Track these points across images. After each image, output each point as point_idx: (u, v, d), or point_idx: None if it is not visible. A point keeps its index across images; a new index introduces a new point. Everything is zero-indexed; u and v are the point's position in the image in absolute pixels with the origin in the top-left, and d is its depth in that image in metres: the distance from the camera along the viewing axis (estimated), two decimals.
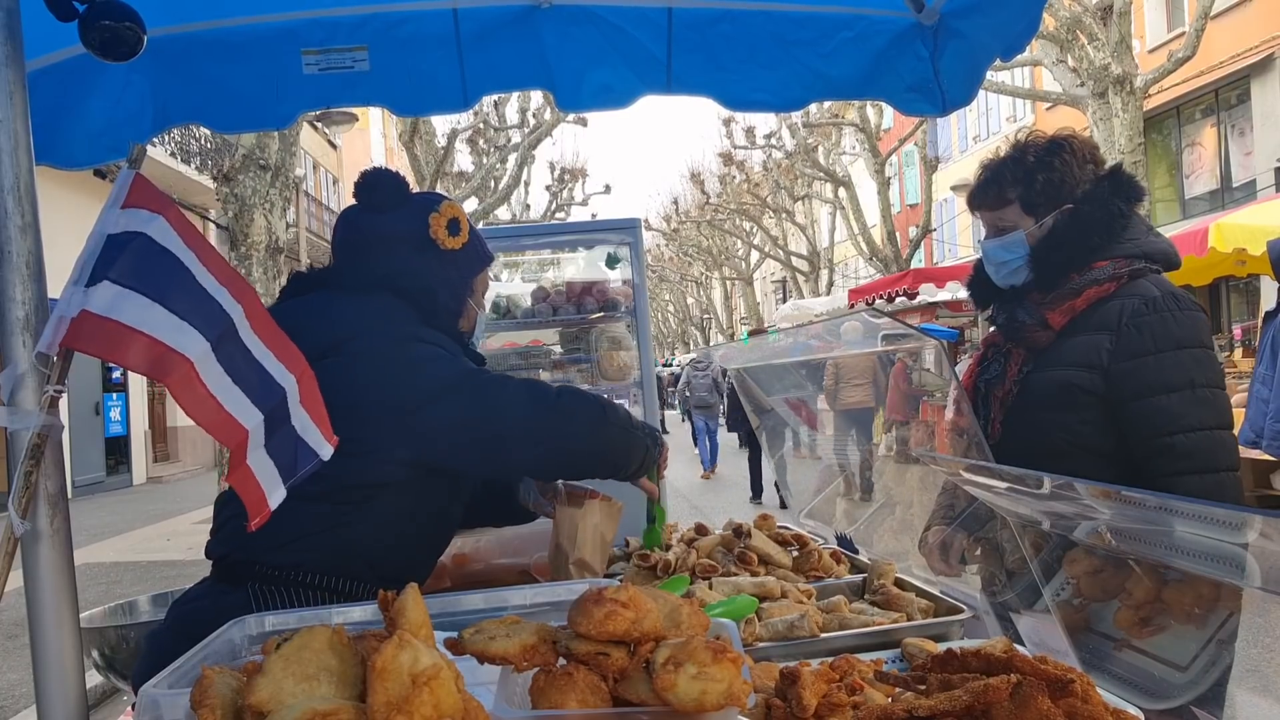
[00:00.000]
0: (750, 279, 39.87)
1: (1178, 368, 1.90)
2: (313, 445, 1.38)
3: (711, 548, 2.27)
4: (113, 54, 1.64)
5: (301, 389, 1.41)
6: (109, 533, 11.44)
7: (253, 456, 1.34)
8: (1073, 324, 2.02)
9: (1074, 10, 11.76)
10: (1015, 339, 2.11)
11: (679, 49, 2.46)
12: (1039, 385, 2.04)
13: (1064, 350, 2.01)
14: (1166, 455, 1.88)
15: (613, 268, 5.28)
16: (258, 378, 1.39)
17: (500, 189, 20.82)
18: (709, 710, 0.96)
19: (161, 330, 1.30)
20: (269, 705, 0.94)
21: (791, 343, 3.48)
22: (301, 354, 1.46)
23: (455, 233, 1.88)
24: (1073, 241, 2.02)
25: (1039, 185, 2.05)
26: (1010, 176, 2.09)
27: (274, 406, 1.38)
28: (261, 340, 1.42)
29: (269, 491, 1.33)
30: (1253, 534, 0.98)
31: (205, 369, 1.33)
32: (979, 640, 1.64)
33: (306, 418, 1.39)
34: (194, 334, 1.33)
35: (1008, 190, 2.09)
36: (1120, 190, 2.06)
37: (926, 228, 21.42)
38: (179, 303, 1.33)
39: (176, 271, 1.36)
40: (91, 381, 16.26)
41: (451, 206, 1.90)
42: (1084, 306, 2.01)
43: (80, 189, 12.54)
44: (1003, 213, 2.11)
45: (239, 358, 1.38)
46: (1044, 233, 2.06)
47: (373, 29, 2.40)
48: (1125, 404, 1.93)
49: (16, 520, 1.25)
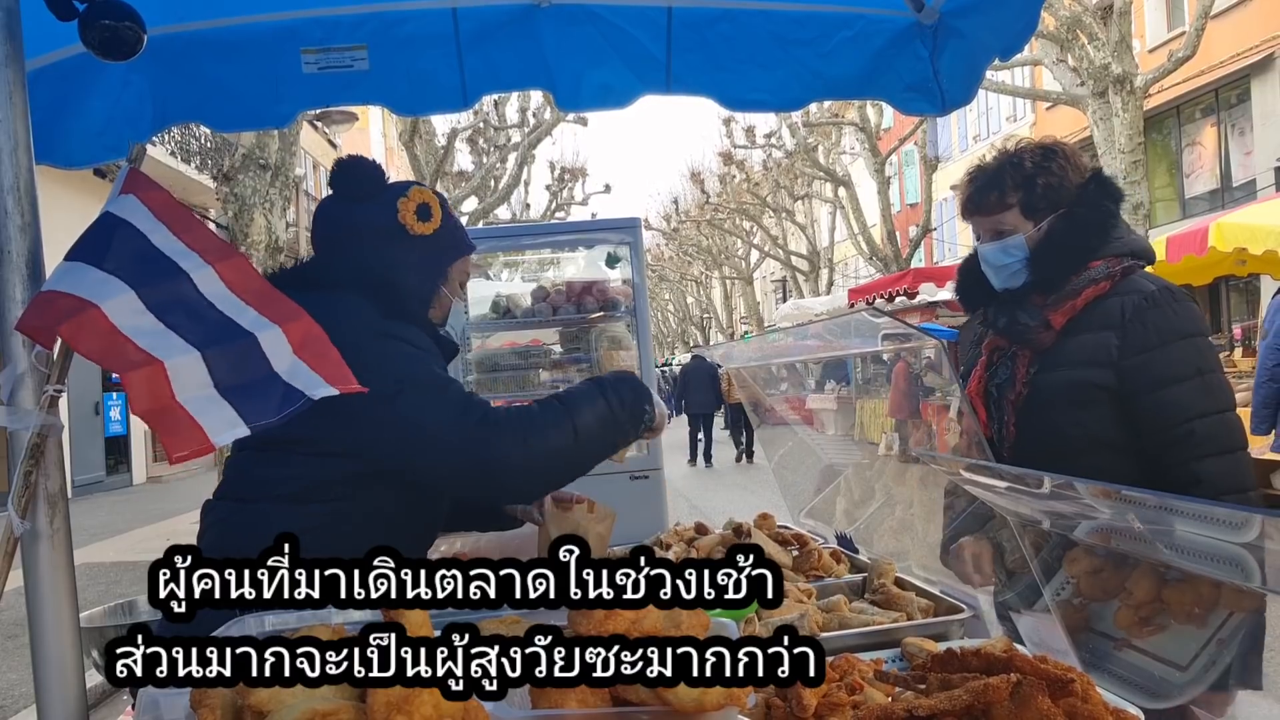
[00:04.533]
0: (750, 279, 39.88)
1: (1184, 358, 1.97)
2: (302, 388, 1.36)
3: (712, 547, 2.27)
4: (112, 53, 1.64)
5: (295, 337, 1.41)
6: (109, 533, 11.44)
7: (187, 394, 1.32)
8: (1073, 323, 2.06)
9: (1074, 10, 11.76)
10: (1019, 341, 2.14)
11: (678, 49, 2.46)
12: (1049, 385, 2.07)
13: (1069, 349, 2.06)
14: (1186, 442, 1.93)
15: (613, 267, 5.28)
16: (205, 323, 1.39)
17: (500, 189, 20.82)
18: (709, 710, 0.96)
19: (80, 287, 1.32)
20: (269, 705, 0.94)
21: (792, 342, 3.48)
22: (301, 309, 1.45)
23: (426, 218, 1.84)
24: (1072, 243, 2.08)
25: (1039, 189, 2.11)
26: (1011, 181, 2.13)
27: (227, 348, 1.37)
28: (236, 294, 1.43)
29: (214, 430, 1.31)
30: (1253, 534, 0.98)
31: (119, 312, 1.33)
32: (979, 640, 1.64)
33: (302, 365, 1.39)
34: (116, 284, 1.34)
35: (1009, 195, 2.14)
36: (1108, 193, 2.15)
37: (926, 227, 21.43)
38: (112, 262, 1.36)
39: (129, 239, 1.39)
40: (91, 381, 16.25)
41: (422, 192, 1.86)
42: (1083, 305, 2.06)
43: (80, 189, 12.52)
44: (1002, 217, 2.15)
45: (181, 307, 1.39)
46: (1042, 235, 2.11)
47: (372, 28, 2.39)
48: (1139, 397, 1.98)
49: (16, 520, 1.25)
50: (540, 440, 1.66)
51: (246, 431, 1.31)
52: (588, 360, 5.03)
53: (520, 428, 1.65)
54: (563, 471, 1.75)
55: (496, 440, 1.63)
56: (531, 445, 1.65)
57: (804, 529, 2.58)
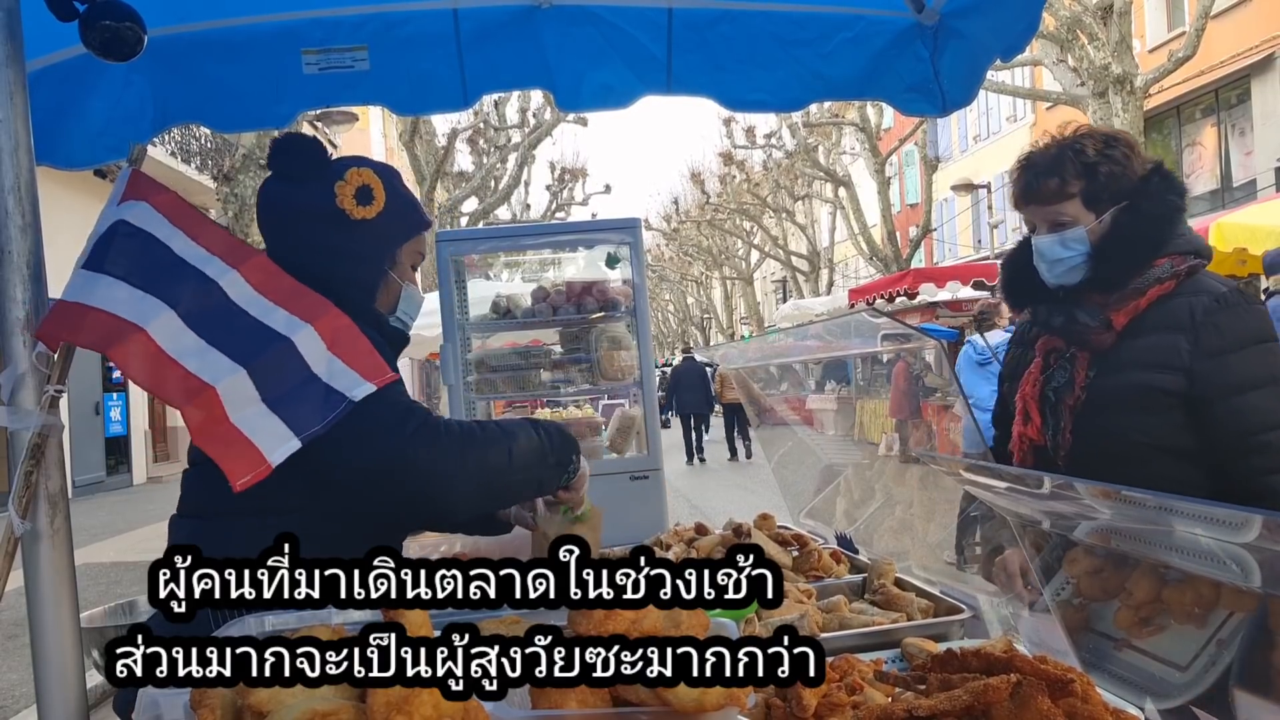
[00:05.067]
0: (750, 279, 39.89)
1: (1261, 363, 1.87)
2: (342, 389, 1.36)
3: (711, 547, 2.27)
4: (113, 54, 1.64)
5: (326, 334, 1.40)
6: (109, 533, 11.44)
7: (240, 414, 1.33)
8: (1136, 324, 1.93)
9: (1074, 10, 11.76)
10: (1077, 342, 2.01)
11: (679, 49, 2.46)
12: (1111, 389, 1.95)
13: (1133, 351, 1.93)
14: (1264, 453, 1.83)
15: (613, 268, 5.27)
16: (243, 333, 1.39)
17: (500, 189, 20.83)
18: (709, 710, 0.96)
19: (118, 305, 1.32)
20: (269, 705, 0.94)
21: (791, 343, 3.48)
22: (326, 300, 1.43)
23: (367, 201, 1.74)
24: (1137, 238, 1.94)
25: (1102, 178, 1.96)
26: (1072, 169, 1.97)
27: (267, 358, 1.37)
28: (265, 296, 1.42)
29: (269, 448, 1.31)
30: (1253, 534, 0.98)
31: (164, 334, 1.33)
32: (979, 640, 1.64)
33: (338, 362, 1.38)
34: (154, 303, 1.34)
35: (1070, 183, 1.98)
36: (1172, 186, 2.00)
37: (926, 227, 21.45)
38: (143, 277, 1.36)
39: (150, 249, 1.38)
40: (91, 381, 16.25)
41: (361, 173, 1.75)
42: (1145, 305, 1.93)
43: (80, 189, 12.53)
44: (1062, 207, 1.99)
45: (219, 319, 1.39)
46: (1106, 229, 1.96)
47: (373, 29, 2.40)
48: (1212, 403, 1.86)
49: (16, 520, 1.25)
50: (477, 457, 1.61)
51: (298, 445, 1.31)
52: (588, 360, 5.03)
53: (459, 441, 1.60)
54: (494, 493, 1.71)
55: (433, 449, 1.57)
56: (468, 459, 1.60)
57: (804, 529, 2.58)
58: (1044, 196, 2.01)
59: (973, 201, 25.41)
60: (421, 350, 12.57)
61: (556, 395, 5.49)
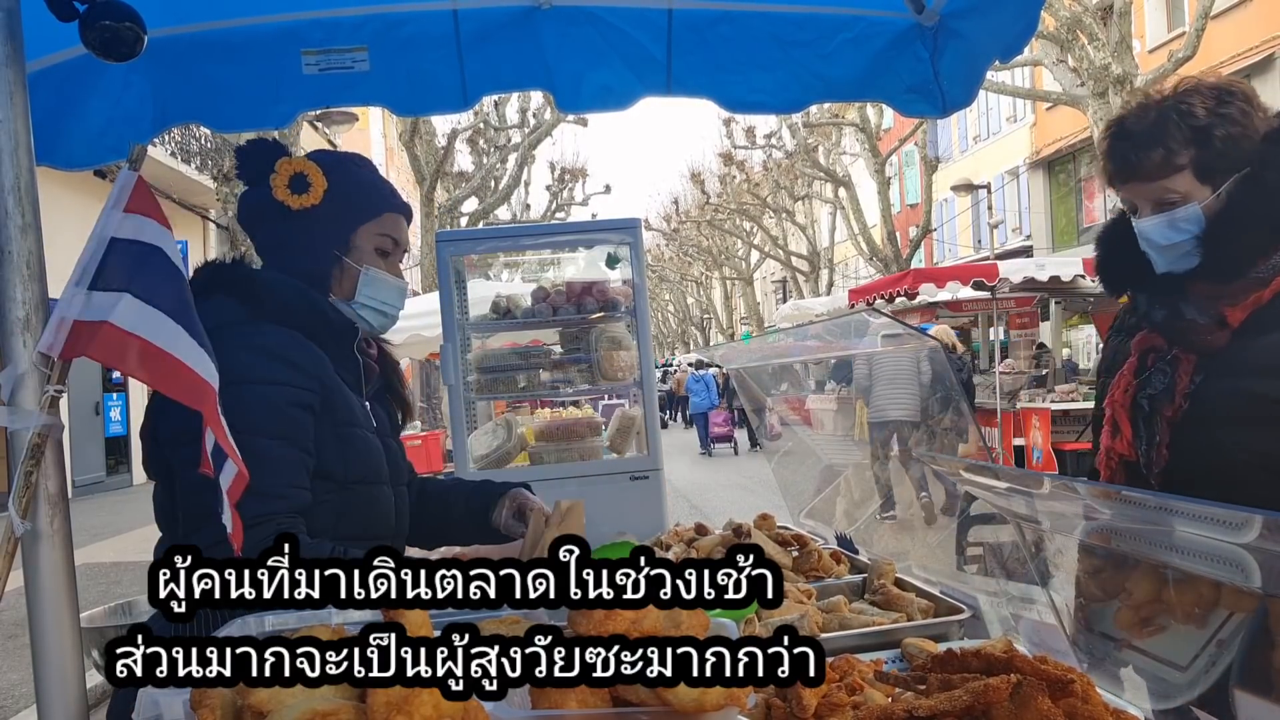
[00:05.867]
0: (750, 279, 39.90)
1: None
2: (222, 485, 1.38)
3: (711, 548, 2.27)
4: (113, 54, 1.64)
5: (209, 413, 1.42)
6: (109, 533, 11.43)
7: None
8: (1255, 321, 1.62)
9: (1074, 10, 11.77)
10: (1181, 342, 1.70)
11: (679, 50, 2.46)
12: (1218, 397, 1.64)
13: (1250, 353, 1.62)
14: None
15: (613, 268, 5.28)
16: None
17: (500, 189, 20.85)
18: (709, 710, 0.96)
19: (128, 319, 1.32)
20: (269, 705, 0.94)
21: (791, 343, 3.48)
22: None
23: (302, 190, 1.73)
24: (1260, 215, 1.61)
25: (1217, 145, 1.62)
26: (1180, 135, 1.63)
27: None
28: None
29: None
30: (1253, 534, 0.98)
31: (192, 358, 1.34)
32: (979, 640, 1.64)
33: None
34: (183, 336, 1.35)
35: (1177, 153, 1.64)
36: None
37: (926, 228, 21.46)
38: (169, 302, 1.35)
39: (176, 277, 1.38)
40: (91, 381, 16.26)
41: (292, 162, 1.74)
42: (1269, 298, 1.62)
43: (80, 189, 12.53)
44: (1170, 182, 1.65)
45: None
46: (1222, 205, 1.63)
47: (373, 29, 2.40)
48: None
49: (16, 520, 1.25)
50: None
51: None
52: (588, 360, 5.03)
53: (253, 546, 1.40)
54: None
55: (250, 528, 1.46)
56: None
57: (804, 529, 2.58)
58: (1147, 172, 1.67)
59: (972, 202, 25.42)
60: (421, 350, 12.58)
61: (556, 395, 5.49)
